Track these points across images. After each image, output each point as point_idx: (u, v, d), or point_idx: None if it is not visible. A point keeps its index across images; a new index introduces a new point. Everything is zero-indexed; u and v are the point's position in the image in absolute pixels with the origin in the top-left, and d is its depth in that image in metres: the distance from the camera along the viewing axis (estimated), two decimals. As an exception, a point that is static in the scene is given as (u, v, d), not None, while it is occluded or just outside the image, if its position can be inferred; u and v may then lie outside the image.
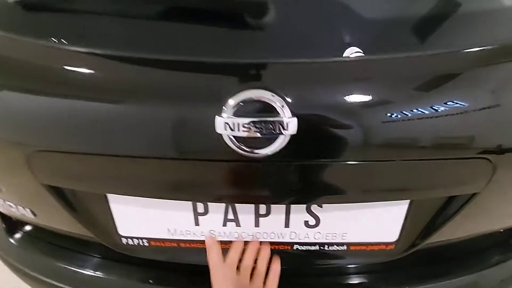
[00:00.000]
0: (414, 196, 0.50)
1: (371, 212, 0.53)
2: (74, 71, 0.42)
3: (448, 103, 0.41)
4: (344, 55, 0.41)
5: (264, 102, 0.39)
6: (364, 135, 0.40)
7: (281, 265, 0.59)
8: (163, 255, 0.60)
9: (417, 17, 0.44)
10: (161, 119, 0.41)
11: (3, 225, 0.71)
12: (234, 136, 0.39)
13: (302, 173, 0.44)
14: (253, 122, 0.38)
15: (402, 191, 0.48)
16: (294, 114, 0.39)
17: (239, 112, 0.39)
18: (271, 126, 0.38)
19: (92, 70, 0.42)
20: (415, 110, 0.41)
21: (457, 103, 0.42)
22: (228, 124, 0.38)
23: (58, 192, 0.53)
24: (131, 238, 0.59)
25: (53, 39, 0.43)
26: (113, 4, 0.43)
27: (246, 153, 0.40)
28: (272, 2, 0.39)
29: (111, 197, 0.53)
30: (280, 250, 0.58)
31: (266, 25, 0.41)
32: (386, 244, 0.57)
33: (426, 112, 0.41)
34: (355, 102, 0.40)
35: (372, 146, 0.41)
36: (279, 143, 0.39)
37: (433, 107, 0.41)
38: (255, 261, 0.51)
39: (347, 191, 0.46)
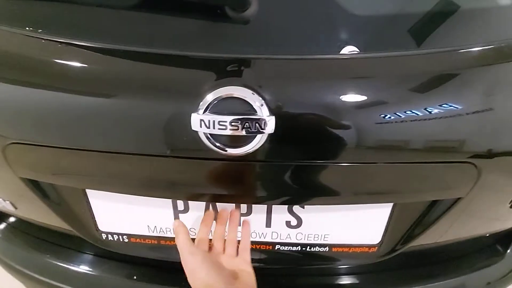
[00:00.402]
0: (397, 199, 0.49)
1: (353, 214, 0.52)
2: (49, 62, 0.41)
3: (433, 107, 0.40)
4: (331, 53, 0.40)
5: (242, 100, 0.37)
6: (343, 137, 0.39)
7: (263, 265, 0.58)
8: (143, 252, 0.59)
9: (393, 14, 0.43)
10: (137, 114, 0.40)
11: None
12: (210, 134, 0.38)
13: (280, 173, 0.43)
14: (229, 120, 0.37)
15: (384, 194, 0.47)
16: (272, 113, 0.37)
17: (215, 109, 0.37)
18: (248, 124, 0.37)
19: (66, 62, 0.40)
20: (398, 112, 0.40)
21: (442, 107, 0.40)
22: (204, 122, 0.37)
23: (36, 186, 0.52)
24: (111, 234, 0.58)
25: (28, 28, 0.41)
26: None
27: (222, 151, 0.39)
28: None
29: (90, 192, 0.52)
30: (261, 250, 0.57)
31: (246, 20, 0.39)
32: (369, 246, 0.57)
33: (410, 115, 0.40)
34: (335, 102, 0.39)
35: (351, 148, 0.40)
36: (256, 142, 0.38)
37: (418, 110, 0.40)
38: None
39: (327, 193, 0.45)
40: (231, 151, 0.39)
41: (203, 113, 0.37)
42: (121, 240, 0.58)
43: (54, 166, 0.47)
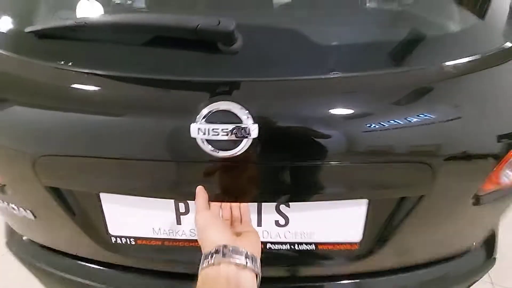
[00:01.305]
0: (369, 195, 0.56)
1: (334, 212, 0.59)
2: (74, 89, 0.51)
3: (390, 117, 0.49)
4: (301, 76, 0.50)
5: (231, 112, 0.47)
6: (316, 141, 0.48)
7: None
8: (149, 254, 0.66)
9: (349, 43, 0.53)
10: (146, 127, 0.50)
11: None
12: (206, 140, 0.47)
13: (265, 172, 0.51)
14: (221, 127, 0.46)
15: (355, 190, 0.54)
16: (255, 121, 0.47)
17: (209, 119, 0.47)
18: (236, 131, 0.46)
19: (90, 87, 0.51)
20: (361, 122, 0.49)
21: (398, 118, 0.49)
22: (200, 129, 0.46)
23: (57, 194, 0.60)
24: (120, 237, 0.65)
25: (60, 62, 0.52)
26: (111, 33, 0.53)
27: (216, 154, 0.47)
28: (240, 33, 0.49)
29: (103, 196, 0.60)
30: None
31: (235, 51, 0.50)
32: (351, 243, 0.63)
33: (371, 124, 0.49)
34: (308, 112, 0.49)
35: (324, 151, 0.49)
36: (243, 145, 0.47)
37: (379, 119, 0.49)
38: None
39: (307, 189, 0.53)
40: (223, 153, 0.48)
41: (200, 122, 0.47)
42: (128, 242, 0.65)
43: (76, 174, 0.56)
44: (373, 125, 0.48)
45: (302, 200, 0.56)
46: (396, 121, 0.49)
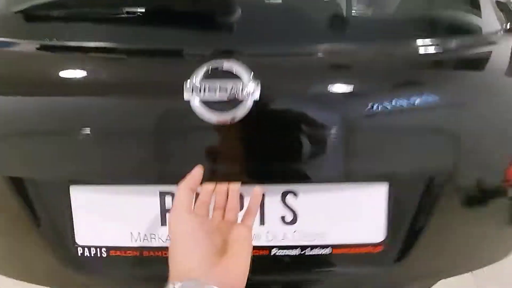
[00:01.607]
0: (389, 176, 0.48)
1: (350, 203, 0.50)
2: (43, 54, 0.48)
3: (410, 81, 0.47)
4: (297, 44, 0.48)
5: (231, 71, 0.42)
6: (323, 104, 0.44)
7: (258, 277, 0.51)
8: (123, 269, 0.52)
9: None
10: (132, 92, 0.44)
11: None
12: (201, 101, 0.41)
13: (269, 143, 0.44)
14: (219, 85, 0.41)
15: (375, 165, 0.47)
16: (257, 80, 0.42)
17: (207, 76, 0.42)
18: (236, 90, 0.41)
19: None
20: (376, 87, 0.46)
21: (419, 84, 0.47)
22: (195, 89, 0.41)
23: (18, 187, 0.50)
24: (88, 247, 0.52)
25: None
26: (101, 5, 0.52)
27: (213, 117, 0.41)
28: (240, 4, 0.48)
29: (74, 190, 0.49)
30: (256, 257, 0.51)
31: (234, 19, 0.48)
32: (373, 245, 0.52)
33: (392, 87, 0.46)
34: (315, 78, 0.45)
35: (322, 119, 0.44)
36: (244, 108, 0.41)
37: (400, 84, 0.47)
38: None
39: (315, 166, 0.45)
40: (221, 116, 0.41)
41: (196, 81, 0.42)
42: (98, 255, 0.52)
43: (45, 156, 0.47)
44: (392, 91, 0.45)
45: (310, 179, 0.46)
46: (416, 88, 0.46)
